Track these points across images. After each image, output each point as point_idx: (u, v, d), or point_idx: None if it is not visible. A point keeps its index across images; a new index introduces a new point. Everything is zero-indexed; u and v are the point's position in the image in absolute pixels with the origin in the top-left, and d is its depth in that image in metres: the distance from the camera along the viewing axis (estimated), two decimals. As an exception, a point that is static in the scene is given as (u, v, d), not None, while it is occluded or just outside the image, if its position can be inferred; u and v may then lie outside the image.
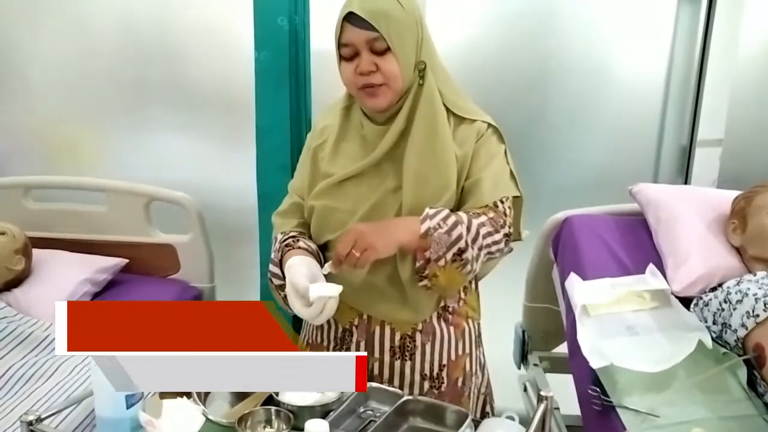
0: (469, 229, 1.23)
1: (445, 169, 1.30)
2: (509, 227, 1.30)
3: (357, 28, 1.23)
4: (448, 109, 1.33)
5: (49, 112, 2.57)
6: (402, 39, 1.25)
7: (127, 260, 2.11)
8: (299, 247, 1.33)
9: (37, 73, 2.53)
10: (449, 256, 1.22)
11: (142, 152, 2.53)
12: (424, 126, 1.29)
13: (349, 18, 1.24)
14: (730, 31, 2.14)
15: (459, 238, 1.21)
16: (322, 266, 1.27)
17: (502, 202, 1.31)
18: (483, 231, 1.24)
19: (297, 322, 1.79)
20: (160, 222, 2.18)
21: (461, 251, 1.22)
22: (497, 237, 1.27)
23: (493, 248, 1.28)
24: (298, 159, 1.51)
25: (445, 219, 1.23)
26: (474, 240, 1.23)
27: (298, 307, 1.24)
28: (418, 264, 1.24)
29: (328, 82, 1.69)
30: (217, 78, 2.42)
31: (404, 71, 1.27)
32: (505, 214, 1.30)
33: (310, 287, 1.21)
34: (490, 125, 1.36)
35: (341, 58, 1.29)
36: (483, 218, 1.26)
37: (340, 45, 1.28)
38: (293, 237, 1.37)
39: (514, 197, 1.35)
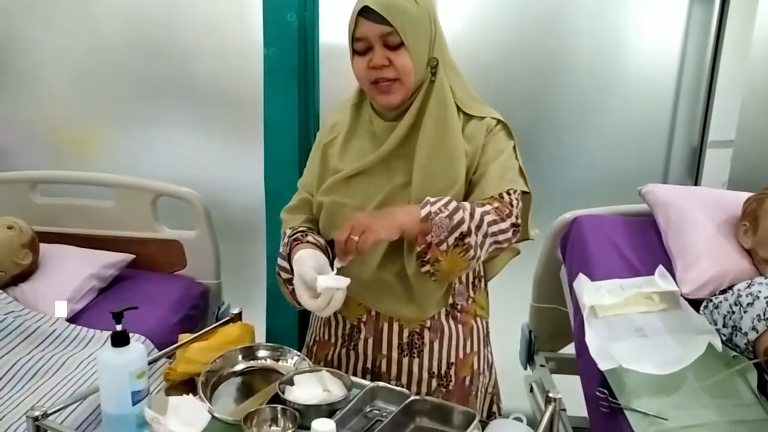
0: (472, 215, 1.22)
1: (455, 165, 1.29)
2: (516, 218, 1.28)
3: (371, 23, 1.23)
4: (457, 107, 1.32)
5: (57, 107, 2.58)
6: (416, 34, 1.25)
7: (134, 256, 2.11)
8: (308, 242, 1.33)
9: (46, 69, 2.54)
10: (451, 240, 1.20)
11: (150, 148, 2.54)
12: (434, 122, 1.29)
13: (364, 12, 1.24)
14: (743, 32, 2.13)
15: (461, 222, 1.20)
16: (330, 262, 1.27)
17: (508, 194, 1.29)
18: (487, 219, 1.23)
19: (304, 319, 1.79)
20: (167, 218, 2.18)
21: (463, 236, 1.21)
22: (503, 226, 1.25)
23: (500, 237, 1.26)
24: (306, 156, 1.51)
25: (446, 205, 1.22)
26: (478, 227, 1.22)
27: (305, 299, 1.24)
28: (419, 248, 1.22)
29: (336, 78, 1.68)
30: (225, 74, 2.43)
31: (417, 67, 1.26)
32: (511, 205, 1.28)
33: (318, 278, 1.21)
34: (499, 121, 1.36)
35: (354, 52, 1.29)
36: (488, 207, 1.25)
37: (353, 39, 1.27)
38: (302, 232, 1.36)
39: (523, 194, 1.34)
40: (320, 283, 1.20)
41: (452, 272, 1.26)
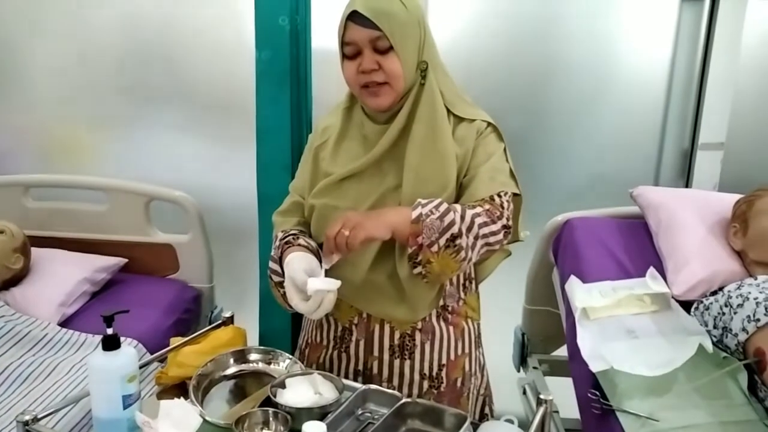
0: (463, 217, 1.22)
1: (445, 167, 1.29)
2: (507, 219, 1.29)
3: (360, 27, 1.24)
4: (448, 110, 1.33)
5: (49, 111, 2.57)
6: (404, 38, 1.25)
7: (126, 260, 2.11)
8: (299, 245, 1.33)
9: (39, 73, 2.53)
10: (442, 241, 1.21)
11: (143, 152, 2.53)
12: (425, 125, 1.29)
13: (353, 17, 1.24)
14: (733, 34, 2.14)
15: (452, 224, 1.21)
16: (321, 265, 1.27)
17: (499, 196, 1.30)
18: (478, 220, 1.24)
19: (296, 322, 1.79)
20: (160, 222, 2.18)
21: (454, 237, 1.21)
22: (494, 228, 1.26)
23: (491, 239, 1.26)
24: (299, 159, 1.51)
25: (437, 206, 1.22)
26: (469, 228, 1.22)
27: (296, 302, 1.24)
28: (410, 249, 1.23)
29: (329, 82, 1.68)
30: (217, 78, 2.42)
31: (406, 70, 1.27)
32: (502, 207, 1.29)
33: (309, 281, 1.21)
34: (489, 124, 1.36)
35: (344, 56, 1.29)
36: (478, 209, 1.25)
37: (343, 43, 1.28)
38: (293, 235, 1.37)
39: (514, 196, 1.35)
40: (311, 285, 1.20)
41: (443, 274, 1.26)
